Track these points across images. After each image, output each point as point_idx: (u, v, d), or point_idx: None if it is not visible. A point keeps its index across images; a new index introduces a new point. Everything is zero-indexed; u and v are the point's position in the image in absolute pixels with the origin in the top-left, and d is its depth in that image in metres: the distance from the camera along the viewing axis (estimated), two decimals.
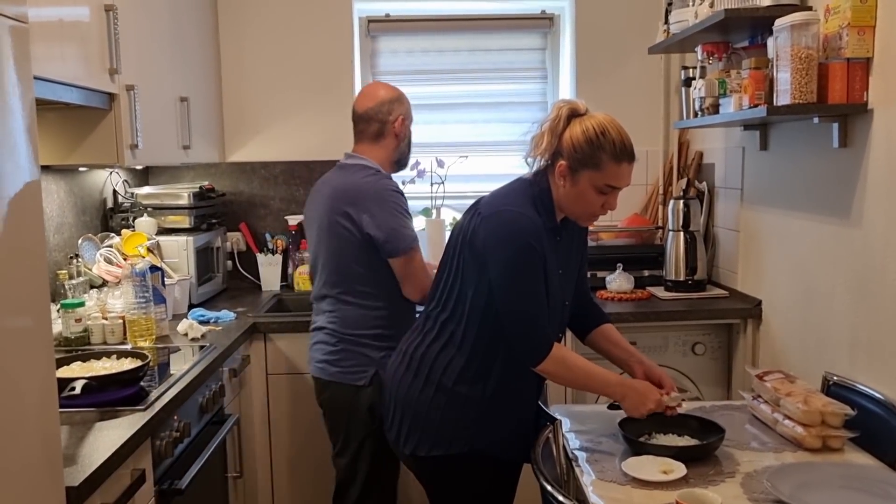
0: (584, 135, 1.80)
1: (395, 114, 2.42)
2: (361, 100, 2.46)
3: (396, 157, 2.47)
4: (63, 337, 2.38)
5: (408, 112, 2.48)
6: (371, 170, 2.37)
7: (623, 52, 3.49)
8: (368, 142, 2.43)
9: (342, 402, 2.36)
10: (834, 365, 2.26)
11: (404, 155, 2.50)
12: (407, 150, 2.50)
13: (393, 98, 2.43)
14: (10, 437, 1.24)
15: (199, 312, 2.84)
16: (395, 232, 2.26)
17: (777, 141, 2.67)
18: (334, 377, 2.36)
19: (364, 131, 2.44)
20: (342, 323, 2.36)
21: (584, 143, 1.80)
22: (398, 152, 2.47)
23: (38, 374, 1.33)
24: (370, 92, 2.47)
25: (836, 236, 2.27)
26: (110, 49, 2.27)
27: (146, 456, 1.79)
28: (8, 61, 1.24)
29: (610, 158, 1.79)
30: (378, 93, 2.45)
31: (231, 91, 3.50)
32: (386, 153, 2.43)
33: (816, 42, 2.10)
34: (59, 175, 2.75)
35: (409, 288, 2.30)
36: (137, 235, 2.89)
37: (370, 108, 2.42)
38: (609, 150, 1.79)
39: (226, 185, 3.53)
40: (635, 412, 1.85)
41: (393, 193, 2.32)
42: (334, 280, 2.37)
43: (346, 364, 2.34)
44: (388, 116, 2.41)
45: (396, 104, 2.43)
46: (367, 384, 2.28)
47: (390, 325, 2.31)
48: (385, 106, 2.41)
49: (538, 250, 1.80)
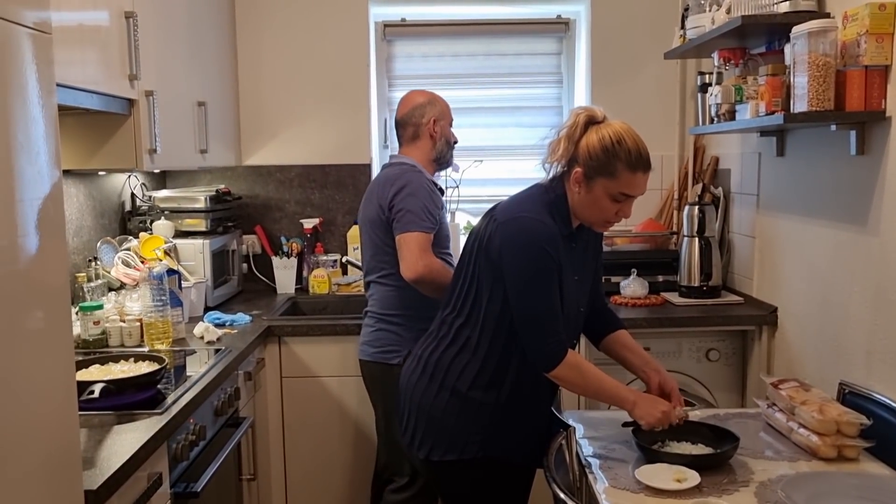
0: (600, 143, 1.80)
1: (427, 116, 2.58)
2: (399, 107, 2.64)
3: (435, 156, 2.62)
4: (81, 339, 2.41)
5: (441, 113, 2.61)
6: (407, 165, 2.54)
7: (639, 57, 3.49)
8: (407, 144, 2.61)
9: (378, 381, 2.52)
10: (850, 373, 2.25)
11: (443, 153, 2.63)
12: (445, 149, 2.63)
13: (425, 102, 2.60)
14: (31, 439, 1.26)
15: (214, 315, 2.87)
16: (404, 212, 2.41)
17: (794, 147, 2.66)
18: (371, 357, 2.53)
19: (402, 135, 2.63)
20: (379, 305, 2.54)
21: (599, 150, 1.80)
22: (436, 151, 2.61)
23: (58, 376, 1.35)
24: (406, 99, 2.64)
25: (853, 244, 2.26)
26: (130, 55, 2.29)
27: (162, 459, 1.80)
28: (31, 69, 1.26)
29: (625, 167, 1.80)
30: (412, 99, 2.62)
31: (248, 95, 3.52)
32: (423, 153, 2.59)
33: (834, 49, 2.09)
34: (79, 179, 2.78)
35: (402, 266, 2.40)
36: (155, 238, 2.92)
37: (405, 113, 2.60)
38: (624, 158, 1.79)
39: (242, 188, 3.56)
40: (647, 420, 1.85)
41: (420, 184, 2.45)
42: (372, 265, 2.56)
43: (380, 343, 2.51)
44: (422, 119, 2.58)
45: (428, 107, 2.59)
46: (400, 363, 2.30)
47: (421, 307, 2.39)
48: (418, 110, 2.58)
49: (554, 257, 1.81)
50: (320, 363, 2.88)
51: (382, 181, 2.52)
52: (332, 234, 3.58)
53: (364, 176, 3.55)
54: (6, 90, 1.20)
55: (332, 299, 3.37)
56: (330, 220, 3.58)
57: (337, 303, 3.35)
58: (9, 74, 1.20)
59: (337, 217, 3.58)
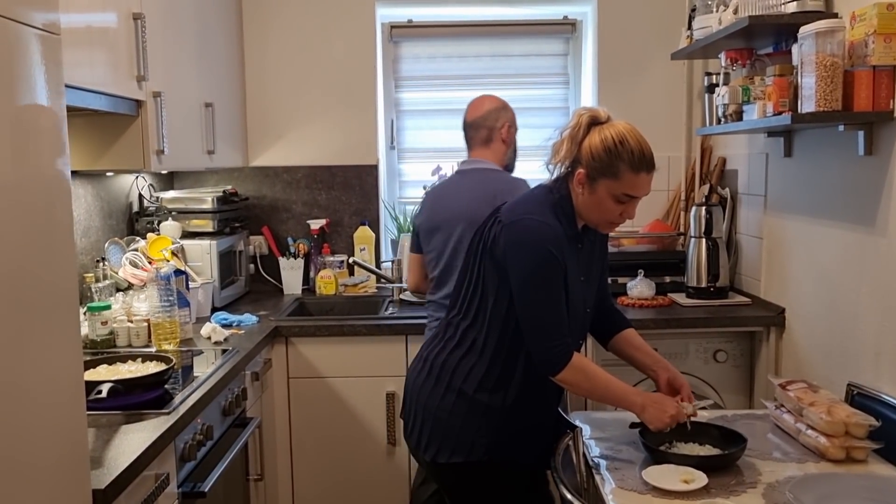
0: (602, 144, 1.79)
1: (501, 121, 2.57)
2: (471, 110, 2.62)
3: (506, 163, 2.62)
4: (89, 339, 2.42)
5: (513, 120, 2.62)
6: (500, 170, 2.56)
7: (645, 57, 3.48)
8: (480, 146, 2.59)
9: None
10: (858, 375, 2.24)
11: (511, 161, 2.66)
12: (514, 157, 2.66)
13: (499, 107, 2.59)
14: (40, 438, 1.26)
15: (221, 316, 2.87)
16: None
17: (801, 148, 2.65)
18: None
19: (474, 137, 2.60)
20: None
21: (602, 151, 1.79)
22: (507, 157, 2.62)
23: (67, 376, 1.35)
24: (478, 103, 2.62)
25: (862, 244, 2.25)
26: (138, 56, 2.30)
27: (170, 459, 1.81)
28: (40, 70, 1.27)
29: (627, 168, 1.79)
30: (486, 102, 2.61)
31: (255, 96, 3.53)
32: (496, 157, 2.59)
33: (842, 49, 2.08)
34: (87, 180, 2.79)
35: None
36: (162, 239, 2.93)
37: (479, 116, 2.58)
38: (627, 159, 1.78)
39: (249, 189, 3.57)
40: (655, 424, 1.84)
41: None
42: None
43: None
44: (496, 123, 2.57)
45: (502, 112, 2.59)
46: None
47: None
48: (493, 114, 2.57)
49: (559, 259, 1.80)
50: (327, 364, 2.89)
51: (506, 189, 2.35)
52: (339, 235, 3.59)
53: (371, 177, 3.56)
54: (15, 91, 1.20)
55: (339, 300, 3.37)
56: (337, 221, 3.58)
57: (344, 304, 3.35)
58: (17, 75, 1.21)
59: (344, 218, 3.59)
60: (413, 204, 3.64)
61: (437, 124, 3.72)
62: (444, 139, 3.70)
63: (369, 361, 2.88)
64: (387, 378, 2.87)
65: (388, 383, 2.87)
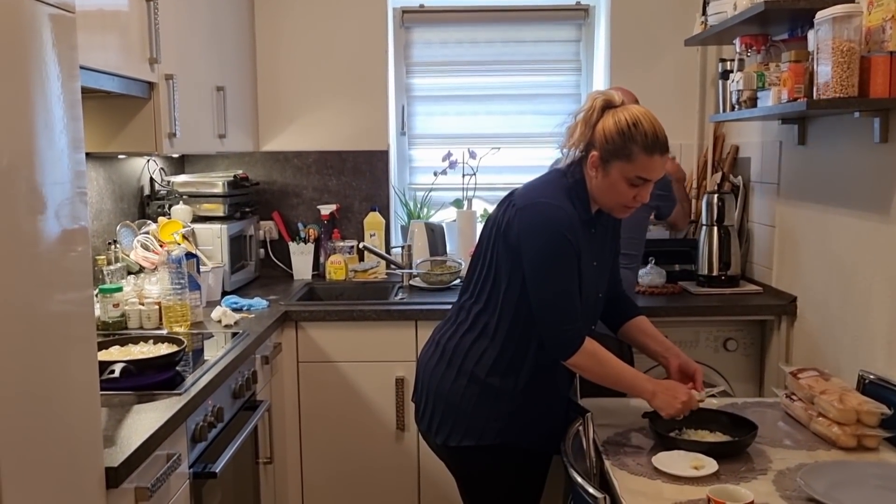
0: (616, 126, 1.79)
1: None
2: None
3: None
4: (101, 321, 2.43)
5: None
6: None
7: (659, 44, 3.45)
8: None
9: None
10: (870, 363, 2.23)
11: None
12: None
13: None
14: (55, 416, 1.27)
15: (232, 300, 2.88)
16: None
17: (816, 135, 2.63)
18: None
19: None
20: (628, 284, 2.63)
21: (615, 134, 1.79)
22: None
23: (81, 356, 1.36)
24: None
25: (876, 232, 2.23)
26: (150, 38, 2.30)
27: (182, 440, 1.82)
28: (54, 49, 1.27)
29: (641, 150, 1.78)
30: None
31: (266, 81, 3.53)
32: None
33: (859, 35, 2.06)
34: (99, 162, 2.79)
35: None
36: (173, 223, 2.93)
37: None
38: (640, 141, 1.78)
39: (259, 174, 3.57)
40: (667, 411, 1.84)
41: None
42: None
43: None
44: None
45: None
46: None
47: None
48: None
49: (573, 243, 1.80)
50: (337, 349, 2.89)
51: None
52: (349, 221, 3.59)
53: (381, 162, 3.55)
54: (28, 70, 1.20)
55: (348, 285, 3.38)
56: (347, 207, 3.58)
57: (354, 289, 3.35)
58: (31, 53, 1.21)
59: (354, 203, 3.59)
60: (423, 190, 3.64)
61: (449, 110, 3.71)
62: (456, 125, 3.69)
63: (379, 347, 2.88)
64: (396, 363, 2.88)
65: (397, 368, 2.88)
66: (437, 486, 2.87)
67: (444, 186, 3.60)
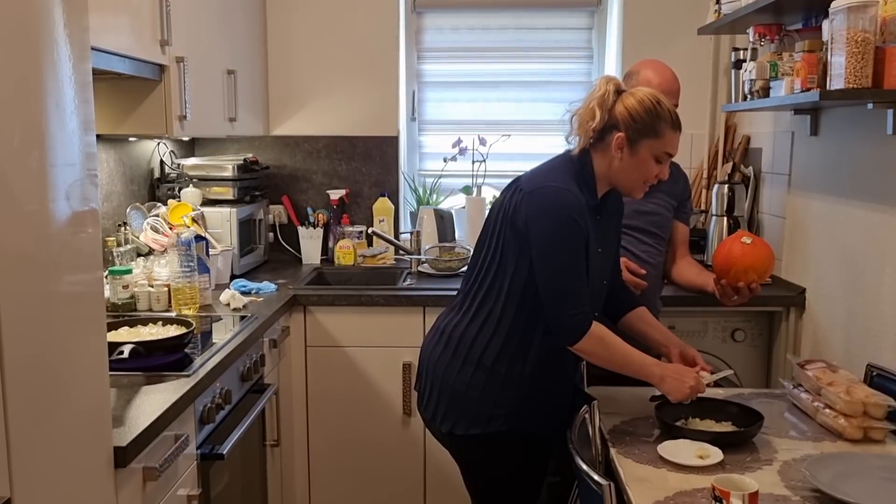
0: (641, 105, 1.82)
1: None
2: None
3: None
4: (110, 303, 2.44)
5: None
6: None
7: (671, 32, 3.43)
8: None
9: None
10: (878, 356, 2.22)
11: None
12: None
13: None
14: (65, 396, 1.28)
15: (241, 283, 2.89)
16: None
17: (828, 126, 2.61)
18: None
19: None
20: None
21: (643, 112, 1.82)
22: None
23: (91, 337, 1.37)
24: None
25: (887, 225, 2.22)
26: (161, 21, 2.30)
27: (190, 421, 1.83)
28: (65, 28, 1.27)
29: (668, 126, 1.83)
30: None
31: (277, 65, 3.52)
32: None
33: (874, 25, 2.04)
34: (109, 145, 2.80)
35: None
36: (183, 206, 2.94)
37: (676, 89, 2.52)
38: (666, 118, 1.83)
39: (269, 158, 3.57)
40: (675, 395, 1.84)
41: None
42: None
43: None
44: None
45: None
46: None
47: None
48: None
49: (582, 227, 1.80)
50: (344, 333, 2.91)
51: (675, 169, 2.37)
52: (359, 206, 3.59)
53: (391, 148, 3.55)
54: (40, 50, 1.21)
55: (357, 270, 3.38)
56: (356, 192, 3.59)
57: (362, 274, 3.36)
58: (43, 34, 1.21)
59: (363, 189, 3.59)
60: (433, 176, 3.63)
61: (459, 96, 3.70)
62: (466, 111, 3.68)
63: (386, 332, 2.89)
64: (403, 349, 2.88)
65: (404, 354, 2.89)
66: (442, 470, 2.88)
67: (453, 173, 3.59)
